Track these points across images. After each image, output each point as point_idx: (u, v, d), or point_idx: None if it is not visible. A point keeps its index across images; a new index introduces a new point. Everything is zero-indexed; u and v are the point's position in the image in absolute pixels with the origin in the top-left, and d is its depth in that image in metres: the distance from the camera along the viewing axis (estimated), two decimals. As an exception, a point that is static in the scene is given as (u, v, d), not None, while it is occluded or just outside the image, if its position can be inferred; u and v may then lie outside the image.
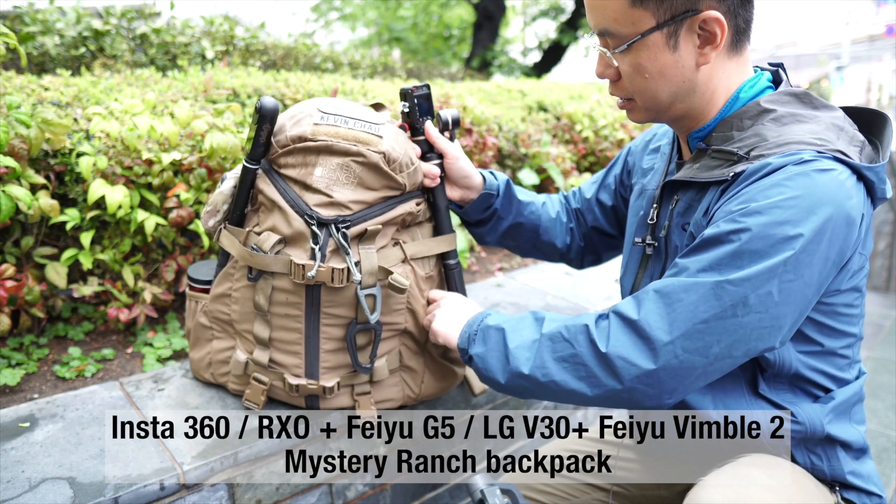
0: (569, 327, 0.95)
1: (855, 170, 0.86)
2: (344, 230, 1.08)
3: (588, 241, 1.42)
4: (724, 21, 0.89)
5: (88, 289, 1.54)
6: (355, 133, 1.09)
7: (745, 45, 0.97)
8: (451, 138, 1.24)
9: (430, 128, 1.21)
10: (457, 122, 1.23)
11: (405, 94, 1.19)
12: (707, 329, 0.84)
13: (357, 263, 1.09)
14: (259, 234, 1.12)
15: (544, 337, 0.96)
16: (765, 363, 0.95)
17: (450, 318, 1.15)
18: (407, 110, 1.19)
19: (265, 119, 1.07)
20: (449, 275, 1.28)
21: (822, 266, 0.85)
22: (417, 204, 1.19)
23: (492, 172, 1.33)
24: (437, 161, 1.22)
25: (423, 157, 1.21)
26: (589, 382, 0.91)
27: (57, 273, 1.50)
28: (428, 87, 1.20)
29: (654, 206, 1.08)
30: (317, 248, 1.06)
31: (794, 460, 1.00)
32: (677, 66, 0.93)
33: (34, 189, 1.46)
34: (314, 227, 1.07)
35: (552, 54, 9.51)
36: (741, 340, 0.85)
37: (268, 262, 1.09)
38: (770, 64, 1.04)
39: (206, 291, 1.28)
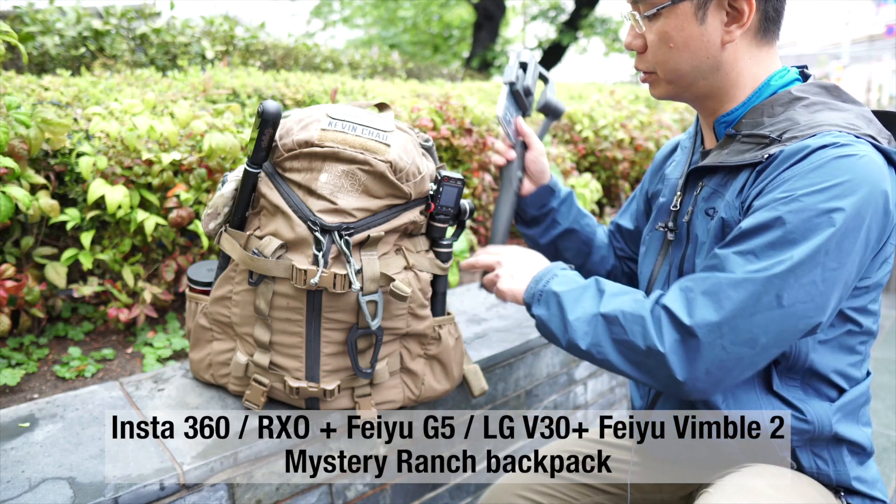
0: (625, 313, 0.95)
1: (886, 156, 0.88)
2: (347, 237, 1.07)
3: (625, 267, 1.43)
4: (752, 0, 0.92)
5: (88, 289, 1.54)
6: (363, 141, 1.08)
7: (773, 36, 0.99)
8: (462, 224, 1.27)
9: (521, 122, 1.30)
10: (472, 211, 1.26)
11: (436, 180, 1.19)
12: (754, 322, 0.86)
13: (359, 270, 1.08)
14: (261, 238, 1.12)
15: (602, 316, 0.97)
16: (780, 355, 0.95)
17: (515, 275, 1.14)
18: (432, 193, 1.20)
19: (267, 123, 1.06)
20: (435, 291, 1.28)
21: (862, 250, 0.86)
22: (421, 213, 1.18)
23: (555, 179, 1.38)
24: (520, 150, 1.31)
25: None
26: (640, 368, 0.94)
27: (57, 273, 1.50)
28: (463, 182, 1.21)
29: (678, 193, 1.10)
30: (320, 254, 1.06)
31: (799, 465, 0.99)
32: (702, 39, 0.95)
33: (34, 189, 1.46)
34: (317, 234, 1.06)
35: (552, 54, 9.51)
36: (788, 329, 0.87)
37: (269, 266, 1.08)
38: (795, 67, 1.06)
39: (206, 293, 1.28)
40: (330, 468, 1.27)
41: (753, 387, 0.98)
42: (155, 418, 1.20)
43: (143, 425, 1.18)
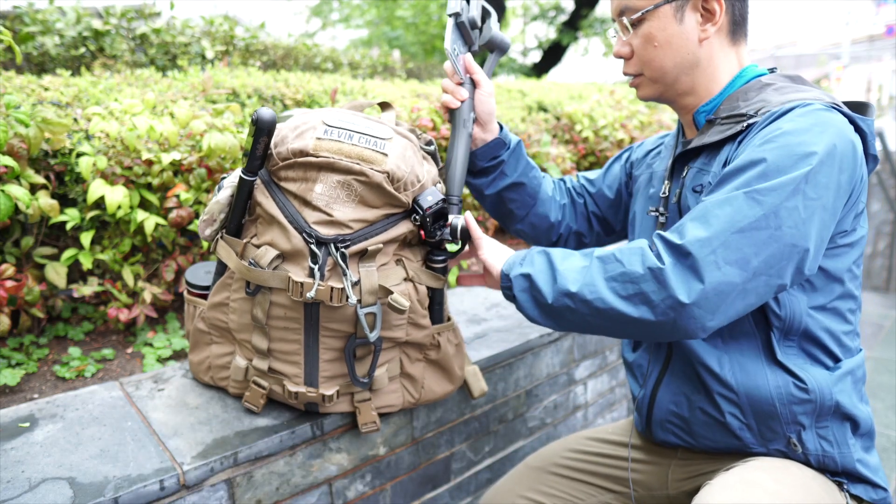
0: (622, 249, 0.97)
1: (849, 120, 0.96)
2: (343, 250, 1.05)
3: (581, 223, 1.45)
4: (722, 1, 1.05)
5: (88, 289, 1.54)
6: (359, 150, 1.05)
7: (742, 38, 1.11)
8: (464, 243, 1.19)
9: (469, 58, 1.25)
10: (465, 232, 1.16)
11: (417, 207, 1.12)
12: (744, 238, 0.88)
13: (357, 282, 1.06)
14: (257, 246, 1.09)
15: (595, 259, 0.98)
16: (775, 318, 1.00)
17: (495, 251, 1.13)
18: (418, 223, 1.13)
19: (262, 132, 1.03)
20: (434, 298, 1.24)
21: (836, 191, 0.92)
22: (416, 221, 1.14)
23: (501, 124, 1.34)
24: (470, 89, 1.25)
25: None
26: (637, 300, 0.91)
27: (57, 273, 1.50)
28: (443, 201, 1.13)
29: (666, 181, 1.17)
30: (315, 267, 1.04)
31: (804, 449, 1.01)
32: (682, 37, 1.07)
33: (34, 189, 1.46)
34: (313, 247, 1.04)
35: (552, 54, 9.51)
36: (777, 254, 0.89)
37: (266, 277, 1.06)
38: (767, 69, 1.16)
39: (204, 297, 1.27)
40: (330, 468, 1.27)
41: (759, 355, 1.03)
42: (155, 418, 1.20)
43: (142, 425, 1.18)
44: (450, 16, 1.22)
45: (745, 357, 1.03)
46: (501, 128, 1.32)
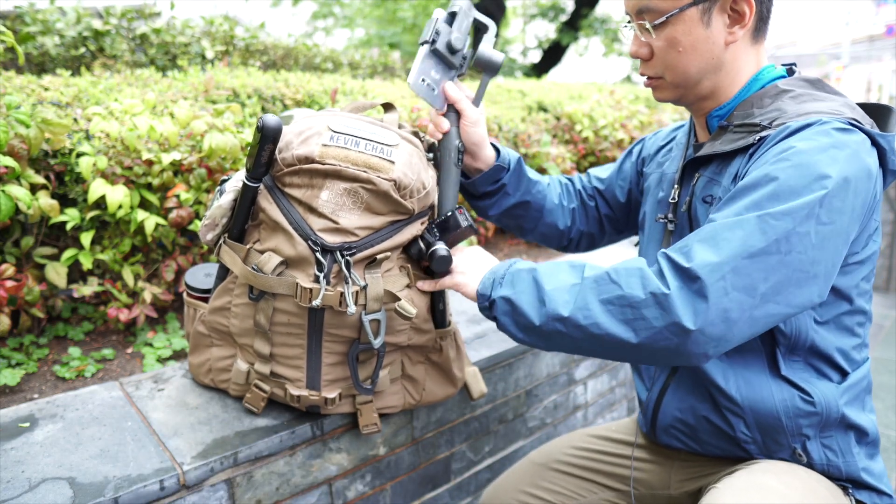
0: (617, 270, 0.90)
1: (868, 136, 0.92)
2: (348, 257, 1.04)
3: (591, 225, 1.42)
4: (752, 1, 0.98)
5: (88, 289, 1.54)
6: (366, 158, 1.03)
7: (764, 35, 1.05)
8: (439, 271, 1.12)
9: (449, 86, 1.16)
10: (434, 258, 1.10)
11: (434, 222, 1.12)
12: (753, 264, 0.84)
13: (364, 287, 1.05)
14: (260, 252, 1.09)
15: (588, 280, 0.91)
16: (781, 336, 0.98)
17: (470, 267, 1.08)
18: (443, 219, 1.11)
19: (267, 139, 1.01)
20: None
21: (850, 215, 0.88)
22: (423, 224, 1.14)
23: (497, 146, 1.28)
24: (454, 117, 1.17)
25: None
26: (636, 326, 0.86)
27: (57, 273, 1.50)
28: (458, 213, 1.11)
29: (676, 186, 1.13)
30: (321, 275, 1.03)
31: (809, 458, 1.01)
32: (708, 41, 1.00)
33: (34, 189, 1.46)
34: (318, 255, 1.03)
35: (552, 54, 9.51)
36: (784, 283, 0.85)
37: (272, 283, 1.05)
38: (783, 64, 1.12)
39: (204, 300, 1.26)
40: (330, 468, 1.27)
41: (763, 369, 1.01)
42: (155, 418, 1.20)
43: (142, 425, 1.18)
44: (421, 44, 1.11)
45: (749, 372, 1.01)
46: (498, 152, 1.26)
